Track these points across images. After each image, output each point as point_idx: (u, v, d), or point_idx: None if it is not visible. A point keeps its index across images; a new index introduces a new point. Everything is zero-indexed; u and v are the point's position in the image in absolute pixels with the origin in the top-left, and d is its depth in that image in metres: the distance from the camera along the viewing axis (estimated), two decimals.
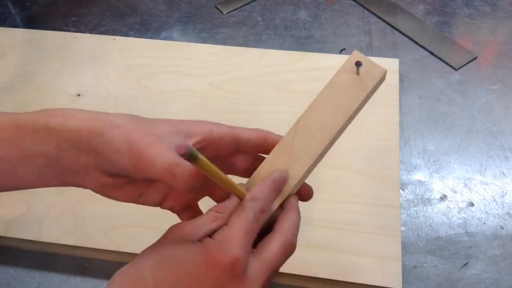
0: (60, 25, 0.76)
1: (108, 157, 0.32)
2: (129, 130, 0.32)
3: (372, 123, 0.57)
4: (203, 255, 0.29)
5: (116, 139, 0.32)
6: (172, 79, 0.63)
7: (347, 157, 0.54)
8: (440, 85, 0.63)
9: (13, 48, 0.69)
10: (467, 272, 0.47)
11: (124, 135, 0.32)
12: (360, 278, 0.45)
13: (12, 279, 0.48)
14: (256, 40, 0.71)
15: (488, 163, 0.55)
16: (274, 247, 0.32)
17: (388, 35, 0.71)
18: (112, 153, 0.32)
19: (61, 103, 0.61)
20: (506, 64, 0.65)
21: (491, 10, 0.73)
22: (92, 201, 0.51)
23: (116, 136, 0.32)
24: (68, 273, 0.49)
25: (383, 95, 0.59)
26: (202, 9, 0.77)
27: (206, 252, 0.29)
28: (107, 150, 0.32)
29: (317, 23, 0.73)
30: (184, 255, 0.30)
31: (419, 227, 0.51)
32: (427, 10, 0.74)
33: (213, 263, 0.29)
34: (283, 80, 0.62)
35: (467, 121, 0.59)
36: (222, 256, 0.29)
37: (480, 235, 0.50)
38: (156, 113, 0.59)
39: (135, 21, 0.76)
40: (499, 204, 0.52)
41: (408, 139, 0.58)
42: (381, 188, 0.51)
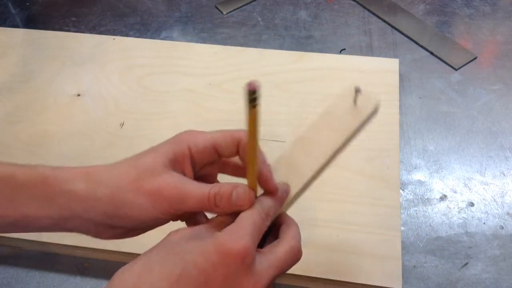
0: (60, 25, 0.76)
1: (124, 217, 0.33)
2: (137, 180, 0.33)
3: (372, 123, 0.57)
4: (213, 245, 0.30)
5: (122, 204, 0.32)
6: (172, 79, 0.63)
7: (347, 157, 0.54)
8: (440, 85, 0.63)
9: (13, 48, 0.69)
10: (467, 272, 0.47)
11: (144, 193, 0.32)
12: (360, 278, 0.45)
13: (12, 279, 0.48)
14: (256, 40, 0.71)
15: (488, 163, 0.55)
16: (282, 250, 0.32)
17: (388, 35, 0.71)
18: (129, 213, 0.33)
19: (61, 103, 0.61)
20: (506, 64, 0.65)
21: (491, 10, 0.73)
22: None
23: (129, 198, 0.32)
24: (68, 273, 0.49)
25: (383, 95, 0.60)
26: (202, 9, 0.77)
27: (216, 243, 0.30)
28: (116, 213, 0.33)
29: (317, 23, 0.73)
30: (193, 248, 0.30)
31: (419, 227, 0.51)
32: (427, 10, 0.74)
33: (224, 252, 0.29)
34: (283, 80, 0.62)
35: (467, 121, 0.59)
36: (232, 245, 0.29)
37: (480, 235, 0.50)
38: (156, 113, 0.59)
39: (135, 21, 0.76)
40: (499, 204, 0.52)
41: (408, 139, 0.58)
42: (381, 188, 0.51)
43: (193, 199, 0.32)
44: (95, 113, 0.60)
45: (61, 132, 0.58)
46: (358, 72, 0.62)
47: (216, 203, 0.32)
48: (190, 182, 0.33)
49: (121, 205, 0.32)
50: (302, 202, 0.50)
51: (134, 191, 0.32)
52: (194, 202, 0.32)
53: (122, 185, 0.32)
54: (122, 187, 0.32)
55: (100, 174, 0.33)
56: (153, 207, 0.32)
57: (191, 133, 0.35)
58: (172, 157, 0.34)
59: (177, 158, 0.34)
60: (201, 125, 0.58)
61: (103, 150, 0.56)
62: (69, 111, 0.60)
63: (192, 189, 0.33)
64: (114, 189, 0.32)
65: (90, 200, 0.32)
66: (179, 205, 0.32)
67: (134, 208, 0.32)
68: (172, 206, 0.32)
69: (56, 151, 0.56)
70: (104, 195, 0.32)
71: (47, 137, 0.58)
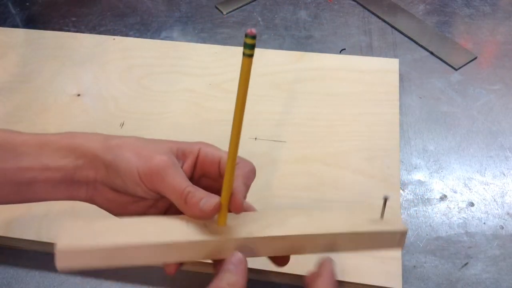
0: (60, 25, 0.76)
1: (119, 174, 0.35)
2: (139, 148, 0.36)
3: (372, 123, 0.57)
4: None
5: (128, 159, 0.35)
6: (172, 79, 0.63)
7: (347, 157, 0.54)
8: (440, 85, 0.63)
9: (13, 48, 0.69)
10: (467, 272, 0.47)
11: (135, 155, 0.35)
12: (360, 278, 0.45)
13: (12, 279, 0.48)
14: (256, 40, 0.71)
15: (488, 163, 0.55)
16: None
17: (388, 35, 0.71)
18: (123, 173, 0.35)
19: (61, 103, 0.61)
20: (506, 64, 0.65)
21: (491, 10, 0.73)
22: None
23: (127, 156, 0.35)
24: (68, 273, 0.49)
25: (383, 95, 0.60)
26: (202, 9, 0.77)
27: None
28: (119, 168, 0.35)
29: (317, 23, 0.73)
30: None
31: (419, 227, 0.51)
32: (427, 10, 0.74)
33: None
34: (283, 80, 0.62)
35: (467, 121, 0.59)
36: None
37: (480, 235, 0.50)
38: (156, 113, 0.59)
39: (135, 21, 0.76)
40: (499, 204, 0.52)
41: (408, 139, 0.58)
42: (381, 188, 0.51)
43: (171, 186, 0.34)
44: (95, 113, 0.60)
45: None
46: (358, 72, 0.62)
47: (186, 200, 0.33)
48: (179, 172, 0.35)
49: (119, 156, 0.35)
50: (302, 202, 0.50)
51: (134, 150, 0.35)
52: (170, 189, 0.34)
53: (128, 145, 0.36)
54: (128, 146, 0.36)
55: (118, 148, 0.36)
56: (137, 169, 0.34)
57: (208, 143, 0.38)
58: (182, 147, 0.37)
59: (185, 151, 0.37)
60: (201, 125, 0.58)
61: None
62: (69, 111, 0.60)
63: (176, 177, 0.34)
64: (122, 144, 0.36)
65: (99, 150, 0.36)
66: (159, 183, 0.34)
67: (124, 162, 0.35)
68: (152, 179, 0.34)
69: None
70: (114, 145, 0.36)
71: None
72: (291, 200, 0.51)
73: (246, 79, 0.31)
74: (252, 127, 0.57)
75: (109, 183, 0.36)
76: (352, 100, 0.59)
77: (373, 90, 0.60)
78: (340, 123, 0.57)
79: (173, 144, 0.37)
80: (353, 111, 0.58)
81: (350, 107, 0.58)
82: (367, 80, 0.61)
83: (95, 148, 0.36)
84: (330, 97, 0.60)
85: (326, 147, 0.55)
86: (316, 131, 0.56)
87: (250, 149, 0.55)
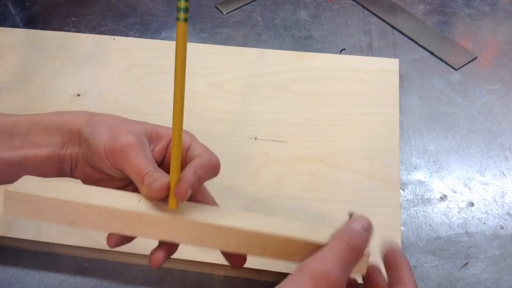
0: (60, 25, 0.76)
1: (90, 149, 0.36)
2: (112, 126, 0.37)
3: (372, 123, 0.57)
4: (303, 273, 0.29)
5: (99, 135, 0.36)
6: (172, 79, 0.63)
7: (347, 157, 0.54)
8: (440, 85, 0.63)
9: (13, 48, 0.69)
10: (467, 272, 0.47)
11: (106, 132, 0.36)
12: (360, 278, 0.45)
13: (12, 279, 0.48)
14: (256, 40, 0.71)
15: (488, 163, 0.55)
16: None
17: (388, 35, 0.71)
18: (93, 148, 0.36)
19: (61, 103, 0.61)
20: (506, 64, 0.65)
21: (491, 10, 0.73)
22: None
23: (99, 132, 0.36)
24: (68, 273, 0.49)
25: (383, 95, 0.60)
26: (202, 9, 0.77)
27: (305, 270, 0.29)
28: (90, 143, 0.36)
29: (317, 23, 0.73)
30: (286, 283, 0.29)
31: (419, 227, 0.51)
32: (427, 10, 0.74)
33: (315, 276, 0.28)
34: (283, 80, 0.62)
35: (467, 121, 0.59)
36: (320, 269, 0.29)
37: (480, 235, 0.50)
38: (156, 113, 0.59)
39: (135, 21, 0.76)
40: (499, 204, 0.52)
41: (408, 139, 0.58)
42: (381, 188, 0.51)
43: (132, 165, 0.34)
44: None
45: None
46: (358, 72, 0.62)
47: (143, 180, 0.34)
48: (144, 153, 0.35)
49: (94, 131, 0.36)
50: (302, 202, 0.50)
51: (107, 127, 0.36)
52: (131, 168, 0.34)
53: (106, 122, 0.37)
54: (105, 122, 0.37)
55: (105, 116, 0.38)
56: (104, 145, 0.35)
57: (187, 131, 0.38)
58: (158, 130, 0.38)
59: (160, 134, 0.38)
60: (201, 125, 0.58)
61: None
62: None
63: (138, 157, 0.35)
64: (101, 120, 0.37)
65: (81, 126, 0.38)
66: (121, 162, 0.35)
67: (96, 137, 0.36)
68: (115, 157, 0.35)
69: None
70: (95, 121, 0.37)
71: None
72: (291, 200, 0.51)
73: (183, 46, 0.31)
74: (252, 127, 0.57)
75: (87, 158, 0.37)
76: (352, 100, 0.59)
77: (373, 90, 0.60)
78: (340, 123, 0.57)
79: (150, 126, 0.38)
80: (353, 111, 0.58)
81: (350, 107, 0.58)
82: (367, 80, 0.61)
83: (80, 123, 0.38)
84: (330, 97, 0.60)
85: (326, 147, 0.55)
86: (316, 131, 0.56)
87: (250, 149, 0.55)
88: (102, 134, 0.36)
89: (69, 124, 0.38)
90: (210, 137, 0.57)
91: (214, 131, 0.57)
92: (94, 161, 0.37)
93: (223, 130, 0.57)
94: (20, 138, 0.38)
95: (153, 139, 0.38)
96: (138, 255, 0.48)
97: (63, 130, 0.38)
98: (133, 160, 0.34)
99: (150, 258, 0.35)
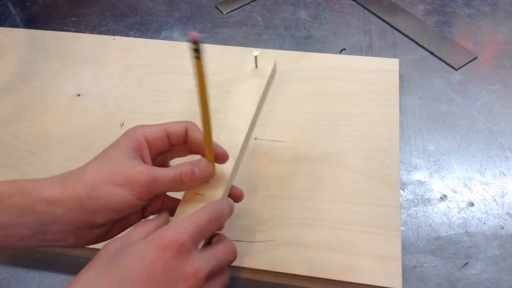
0: (60, 25, 0.76)
1: (103, 208, 0.35)
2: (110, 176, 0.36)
3: (372, 123, 0.57)
4: (146, 243, 0.31)
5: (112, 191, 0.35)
6: (172, 79, 0.63)
7: (347, 157, 0.54)
8: (440, 85, 0.63)
9: (13, 48, 0.69)
10: (467, 272, 0.47)
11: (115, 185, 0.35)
12: (360, 278, 0.45)
13: (12, 279, 0.48)
14: (256, 40, 0.71)
15: (488, 163, 0.55)
16: (219, 246, 0.37)
17: (388, 35, 0.71)
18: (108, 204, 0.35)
19: (61, 103, 0.61)
20: (506, 64, 0.65)
21: (491, 10, 0.73)
22: None
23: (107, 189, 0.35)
24: (68, 273, 0.49)
25: (383, 95, 0.60)
26: (202, 9, 0.77)
27: (149, 240, 0.32)
28: (95, 207, 0.35)
29: (317, 23, 0.73)
30: (127, 253, 0.31)
31: (419, 227, 0.51)
32: (427, 10, 0.74)
33: (158, 246, 0.31)
34: (283, 80, 0.62)
35: (467, 121, 0.59)
36: (165, 238, 0.32)
37: (480, 235, 0.50)
38: (156, 113, 0.59)
39: (135, 21, 0.76)
40: (499, 204, 0.52)
41: (408, 139, 0.58)
42: (381, 188, 0.51)
43: (163, 181, 0.36)
44: (95, 113, 0.60)
45: (61, 132, 0.58)
46: (358, 72, 0.62)
47: (182, 181, 0.37)
48: (155, 167, 0.37)
49: (101, 197, 0.35)
50: (302, 202, 0.50)
51: (111, 183, 0.35)
52: (164, 184, 0.37)
53: (97, 181, 0.35)
54: (98, 182, 0.35)
55: (74, 176, 0.36)
56: (130, 193, 0.35)
57: (143, 126, 0.39)
58: (134, 147, 0.37)
59: (138, 149, 0.38)
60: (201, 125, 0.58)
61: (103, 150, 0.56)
62: (69, 111, 0.60)
63: (161, 173, 0.37)
64: (90, 185, 0.35)
65: (69, 200, 0.34)
66: (153, 188, 0.36)
67: (112, 198, 0.35)
68: (146, 189, 0.36)
69: (56, 151, 0.56)
70: (82, 192, 0.35)
71: (47, 137, 0.58)
72: (291, 200, 0.51)
73: (202, 78, 0.34)
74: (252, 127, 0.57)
75: (89, 222, 0.36)
76: (352, 100, 0.59)
77: (373, 90, 0.60)
78: (340, 123, 0.57)
79: (128, 151, 0.37)
80: (353, 111, 0.58)
81: (350, 107, 0.58)
82: (367, 80, 0.61)
83: (60, 202, 0.35)
84: (330, 97, 0.60)
85: (326, 147, 0.55)
86: (316, 131, 0.56)
87: (250, 149, 0.55)
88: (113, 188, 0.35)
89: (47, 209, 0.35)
90: None
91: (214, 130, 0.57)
92: (91, 218, 0.35)
93: None
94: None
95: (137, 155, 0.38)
96: None
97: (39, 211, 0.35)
98: (161, 179, 0.36)
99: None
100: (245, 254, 0.46)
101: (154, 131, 0.39)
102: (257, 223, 0.49)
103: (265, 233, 0.48)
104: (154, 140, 0.39)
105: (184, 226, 0.33)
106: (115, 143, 0.38)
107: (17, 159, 0.55)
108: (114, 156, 0.37)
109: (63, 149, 0.56)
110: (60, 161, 0.55)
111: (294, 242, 0.47)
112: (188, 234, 0.32)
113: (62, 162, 0.55)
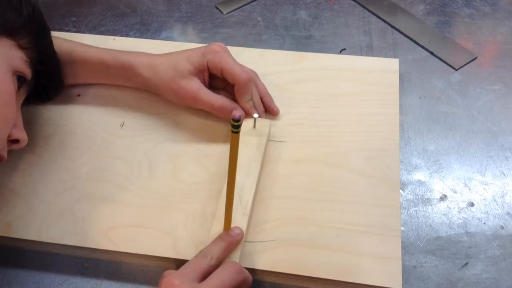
0: (60, 25, 0.76)
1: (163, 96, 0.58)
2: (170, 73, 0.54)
3: (372, 123, 0.57)
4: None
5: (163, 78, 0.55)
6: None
7: (347, 157, 0.54)
8: (440, 85, 0.63)
9: None
10: (467, 272, 0.47)
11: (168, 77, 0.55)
12: (360, 278, 0.45)
13: (12, 279, 0.48)
14: (256, 40, 0.71)
15: (488, 163, 0.55)
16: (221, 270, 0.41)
17: (388, 35, 0.71)
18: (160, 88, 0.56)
19: (61, 103, 0.61)
20: (506, 64, 0.65)
21: (491, 10, 0.73)
22: (92, 201, 0.51)
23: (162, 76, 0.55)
24: (68, 273, 0.49)
25: (383, 95, 0.60)
26: (202, 9, 0.77)
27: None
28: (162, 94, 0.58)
29: (317, 23, 0.73)
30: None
31: (419, 227, 0.51)
32: (427, 10, 0.74)
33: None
34: (283, 80, 0.62)
35: (467, 121, 0.59)
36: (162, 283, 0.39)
37: (480, 235, 0.50)
38: (156, 113, 0.59)
39: (135, 21, 0.76)
40: (499, 204, 0.52)
41: (408, 139, 0.58)
42: (381, 188, 0.51)
43: (203, 103, 0.54)
44: (95, 113, 0.60)
45: (61, 132, 0.58)
46: (358, 72, 0.62)
47: (219, 112, 0.55)
48: (204, 89, 0.54)
49: (162, 91, 0.56)
50: (302, 202, 0.50)
51: (170, 86, 0.55)
52: (203, 105, 0.55)
53: (164, 80, 0.55)
54: (165, 81, 0.55)
55: (156, 67, 0.55)
56: (178, 98, 0.56)
57: (216, 52, 0.54)
58: (197, 67, 0.54)
59: (200, 69, 0.54)
60: (201, 125, 0.58)
61: (103, 150, 0.56)
62: (69, 111, 0.60)
63: (205, 96, 0.54)
64: (160, 81, 0.55)
65: (149, 83, 0.56)
66: (193, 104, 0.55)
67: (167, 95, 0.56)
68: (188, 103, 0.56)
69: (56, 151, 0.56)
70: (157, 82, 0.55)
71: (47, 137, 0.58)
72: (291, 200, 0.51)
73: (235, 151, 0.37)
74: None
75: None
76: (352, 100, 0.59)
77: (373, 90, 0.60)
78: (340, 123, 0.57)
79: (192, 67, 0.54)
80: (353, 111, 0.58)
81: (350, 107, 0.58)
82: (367, 80, 0.61)
83: (144, 81, 0.57)
84: (330, 97, 0.60)
85: (326, 147, 0.55)
86: (316, 131, 0.56)
87: None
88: (172, 93, 0.55)
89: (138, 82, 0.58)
90: (210, 136, 0.57)
91: (214, 130, 0.57)
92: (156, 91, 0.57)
93: (223, 129, 0.57)
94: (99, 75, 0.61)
95: (198, 74, 0.54)
96: (138, 255, 0.48)
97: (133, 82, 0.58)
98: (204, 99, 0.54)
99: None
100: (245, 254, 0.47)
101: (217, 62, 0.54)
102: (257, 223, 0.49)
103: (265, 233, 0.48)
104: (213, 68, 0.55)
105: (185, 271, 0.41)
106: (189, 53, 0.55)
107: (17, 159, 0.55)
108: (183, 67, 0.54)
109: (63, 149, 0.56)
110: (60, 161, 0.55)
111: (294, 242, 0.47)
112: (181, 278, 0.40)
113: (62, 162, 0.55)
